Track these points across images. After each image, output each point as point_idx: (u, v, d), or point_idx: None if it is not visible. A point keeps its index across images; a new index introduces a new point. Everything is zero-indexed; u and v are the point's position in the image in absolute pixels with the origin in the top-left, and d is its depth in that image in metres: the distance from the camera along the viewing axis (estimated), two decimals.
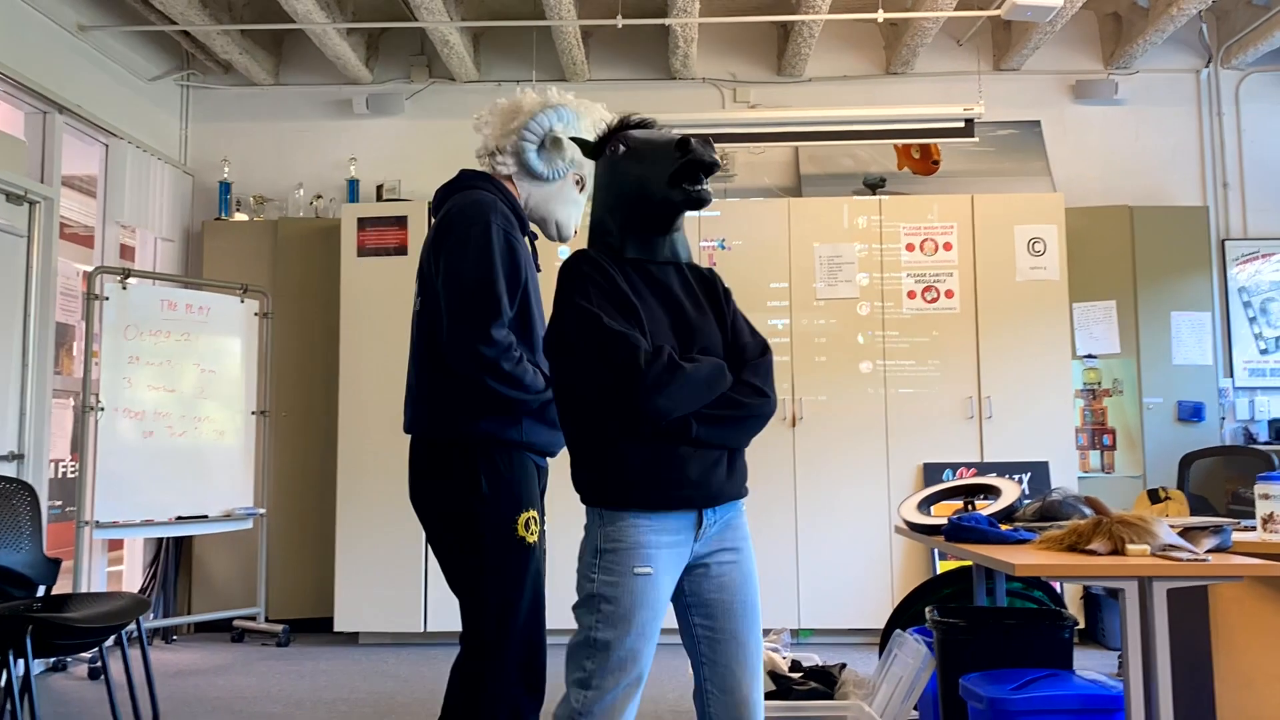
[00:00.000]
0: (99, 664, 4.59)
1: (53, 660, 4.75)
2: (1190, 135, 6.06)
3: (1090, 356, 5.60)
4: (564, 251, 5.24)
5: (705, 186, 1.98)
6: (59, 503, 5.88)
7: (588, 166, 2.52)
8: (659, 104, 6.04)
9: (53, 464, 5.36)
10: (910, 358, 5.32)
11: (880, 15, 5.17)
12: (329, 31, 5.39)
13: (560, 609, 4.12)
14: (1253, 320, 5.86)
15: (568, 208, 2.52)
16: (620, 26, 5.32)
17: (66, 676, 4.66)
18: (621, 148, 2.04)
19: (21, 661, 3.11)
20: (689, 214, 5.44)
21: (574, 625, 1.97)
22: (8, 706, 3.23)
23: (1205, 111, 6.08)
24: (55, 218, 4.80)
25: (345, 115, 6.18)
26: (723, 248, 5.42)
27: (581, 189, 2.54)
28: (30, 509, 3.71)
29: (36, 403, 4.61)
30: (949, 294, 5.35)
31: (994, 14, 5.28)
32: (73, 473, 5.90)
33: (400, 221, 5.39)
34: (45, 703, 4.17)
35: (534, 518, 2.30)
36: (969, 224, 5.39)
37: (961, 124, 5.56)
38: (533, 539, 2.30)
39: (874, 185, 5.83)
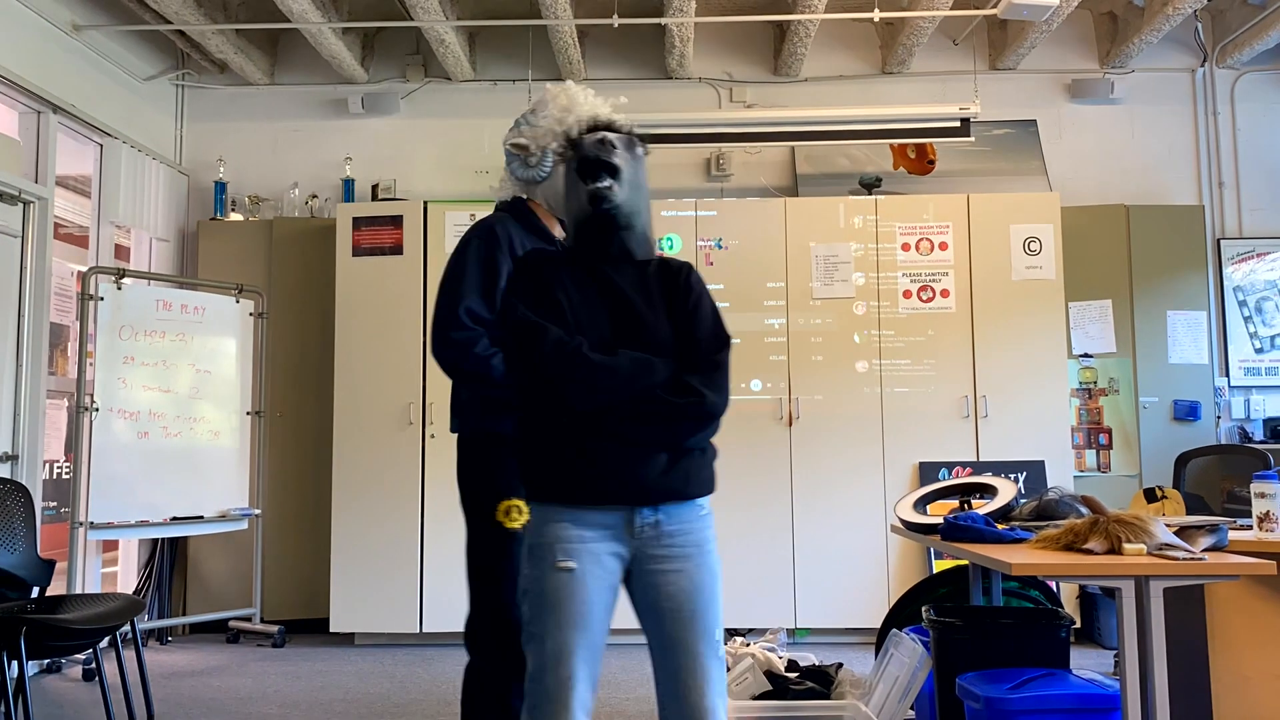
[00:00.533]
0: (93, 665, 4.58)
1: (47, 662, 4.74)
2: (1186, 134, 6.07)
3: (1086, 356, 5.61)
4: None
5: (602, 184, 1.97)
6: (53, 504, 5.87)
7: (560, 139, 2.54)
8: (655, 104, 6.04)
9: (47, 465, 5.35)
10: (906, 357, 5.32)
11: (876, 15, 5.16)
12: (324, 31, 5.38)
13: None
14: (1248, 319, 5.87)
15: None
16: (616, 26, 5.32)
17: (61, 678, 4.65)
18: (571, 152, 2.08)
19: (15, 663, 3.10)
20: (683, 214, 5.43)
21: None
22: (2, 708, 3.22)
23: (1201, 111, 6.09)
24: (49, 218, 4.78)
25: (341, 115, 6.17)
26: (719, 247, 5.42)
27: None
28: (24, 510, 3.70)
29: (31, 403, 4.60)
30: (945, 293, 5.35)
31: (990, 13, 5.28)
32: (67, 474, 5.89)
33: (396, 221, 5.38)
34: (39, 704, 4.15)
35: (517, 506, 2.36)
36: (965, 223, 5.39)
37: (957, 123, 5.56)
38: (513, 524, 2.37)
39: (870, 185, 5.83)
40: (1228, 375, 5.82)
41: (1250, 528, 2.90)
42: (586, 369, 1.87)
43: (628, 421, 1.88)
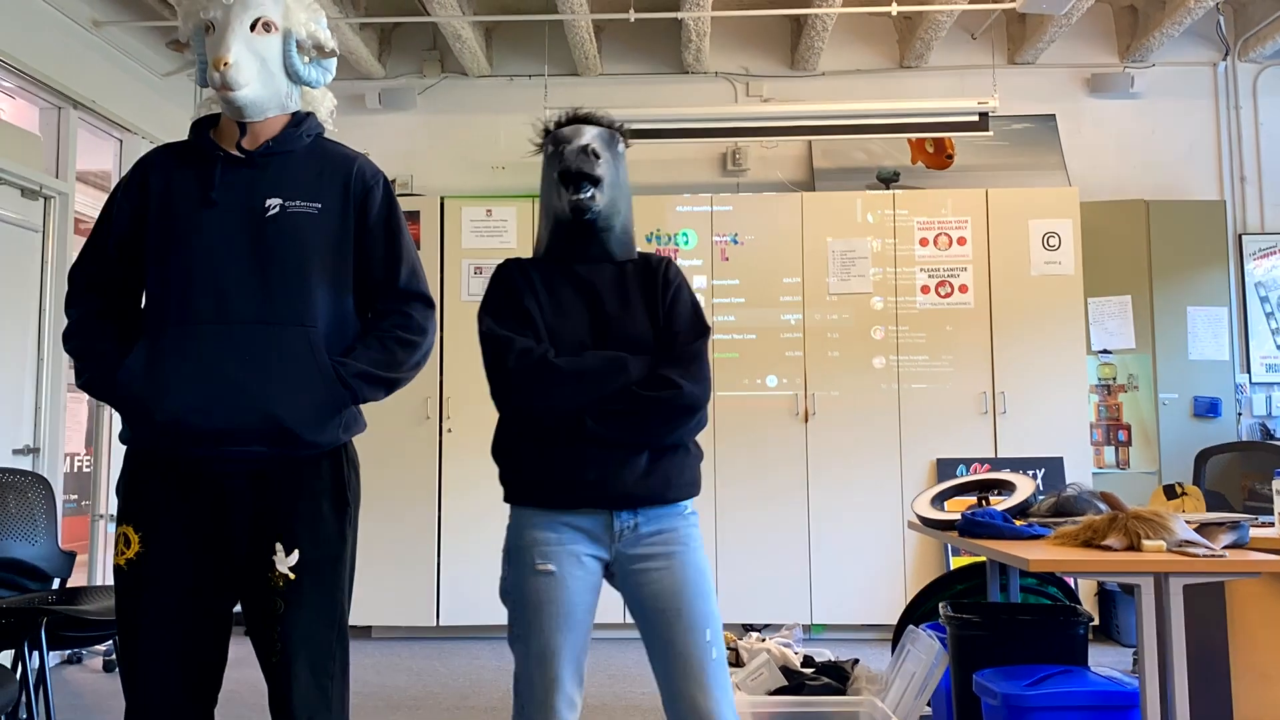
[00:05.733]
0: (113, 656, 4.62)
1: (67, 652, 4.78)
2: (1207, 129, 6.01)
3: (1105, 352, 5.57)
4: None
5: (584, 195, 1.92)
6: (74, 496, 5.91)
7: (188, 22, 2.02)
8: (671, 98, 6.02)
9: (68, 458, 5.38)
10: (924, 353, 5.30)
11: (894, 8, 5.14)
12: (341, 26, 5.39)
13: None
14: (1269, 315, 5.81)
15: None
16: (633, 20, 5.30)
17: (81, 669, 4.69)
18: (550, 147, 2.03)
19: (37, 653, 3.13)
20: (698, 209, 5.42)
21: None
22: (23, 698, 3.25)
23: (1222, 105, 6.03)
24: (70, 212, 4.82)
25: (358, 110, 6.18)
26: (735, 242, 5.40)
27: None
28: (45, 502, 3.73)
29: (51, 397, 4.63)
30: (963, 289, 5.33)
31: (1009, 6, 5.24)
32: (88, 467, 5.93)
33: (413, 216, 5.39)
34: (60, 694, 4.19)
35: (125, 533, 1.92)
36: (983, 218, 5.36)
37: (976, 118, 5.53)
38: (120, 560, 1.93)
39: (887, 179, 5.80)
40: (1249, 372, 5.77)
41: (1272, 525, 2.88)
42: (553, 375, 1.86)
43: (604, 421, 1.85)
